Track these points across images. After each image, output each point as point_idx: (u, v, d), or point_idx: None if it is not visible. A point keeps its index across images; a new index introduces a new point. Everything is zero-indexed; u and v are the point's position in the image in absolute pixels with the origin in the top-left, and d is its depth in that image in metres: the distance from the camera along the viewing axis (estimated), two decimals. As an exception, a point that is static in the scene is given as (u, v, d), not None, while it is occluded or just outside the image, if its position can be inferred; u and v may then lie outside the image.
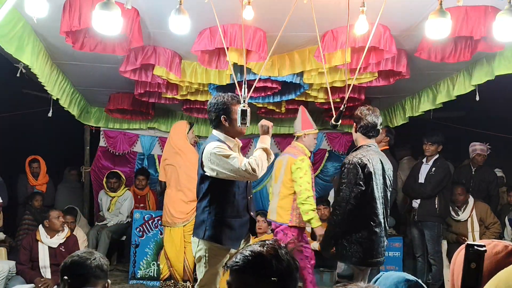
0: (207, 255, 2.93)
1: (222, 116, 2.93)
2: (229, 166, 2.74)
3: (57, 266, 4.32)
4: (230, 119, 2.93)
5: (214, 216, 2.92)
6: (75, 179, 6.49)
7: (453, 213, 5.03)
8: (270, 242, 1.56)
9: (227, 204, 2.93)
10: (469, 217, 4.98)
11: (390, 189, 3.19)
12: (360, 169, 2.99)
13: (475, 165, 5.45)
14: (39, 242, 4.37)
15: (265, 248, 1.51)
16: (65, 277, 2.14)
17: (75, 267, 2.16)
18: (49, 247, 4.38)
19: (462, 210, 5.00)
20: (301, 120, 4.18)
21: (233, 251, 2.96)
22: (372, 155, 3.07)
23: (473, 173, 5.45)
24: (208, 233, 2.91)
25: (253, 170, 2.71)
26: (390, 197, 3.20)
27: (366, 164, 2.99)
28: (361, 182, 2.98)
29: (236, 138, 3.03)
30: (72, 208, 5.64)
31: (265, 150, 2.86)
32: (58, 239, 4.41)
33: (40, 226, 4.46)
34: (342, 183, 3.04)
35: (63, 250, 4.40)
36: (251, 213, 3.07)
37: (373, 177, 3.00)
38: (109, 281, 2.24)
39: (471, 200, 5.03)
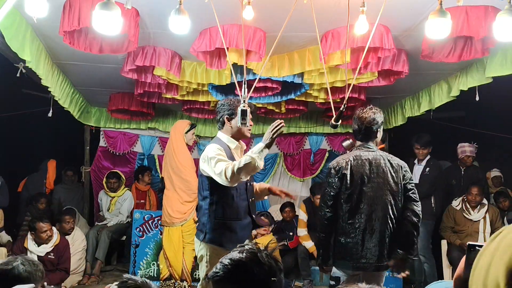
0: (208, 255, 2.95)
1: (226, 117, 2.99)
2: (214, 169, 2.77)
3: (48, 272, 4.28)
4: (233, 121, 2.98)
5: (214, 219, 2.94)
6: (71, 180, 6.48)
7: (465, 211, 5.02)
8: (249, 246, 1.50)
9: (226, 206, 2.94)
10: (482, 218, 4.98)
11: (388, 189, 2.96)
12: (334, 172, 2.97)
13: (464, 165, 5.50)
14: (27, 250, 4.35)
15: (244, 254, 1.45)
16: None
17: None
18: (38, 256, 4.33)
19: (477, 210, 4.99)
20: None
21: None
22: (357, 156, 2.97)
23: (462, 173, 5.50)
24: (209, 236, 2.94)
25: (227, 177, 2.69)
26: (386, 197, 2.96)
27: (341, 166, 2.95)
28: (334, 186, 2.96)
29: (240, 141, 3.07)
30: (70, 209, 5.64)
31: (251, 158, 2.65)
32: (45, 248, 4.38)
33: (29, 234, 4.43)
34: (323, 188, 3.07)
35: (52, 257, 4.39)
36: (253, 216, 3.07)
37: (348, 179, 2.93)
38: (45, 283, 2.13)
39: (485, 201, 5.04)
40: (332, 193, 2.97)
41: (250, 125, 2.89)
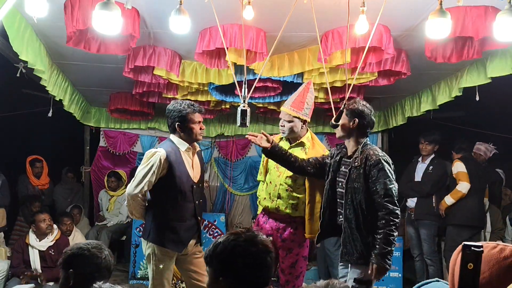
0: (154, 255, 2.97)
1: (177, 123, 3.00)
2: (135, 178, 2.89)
3: (48, 269, 4.35)
4: (184, 127, 2.99)
5: (157, 219, 2.97)
6: (71, 180, 6.48)
7: None
8: (240, 229, 1.65)
9: (169, 207, 2.96)
10: None
11: None
12: (393, 166, 2.69)
13: None
14: (29, 246, 4.37)
15: (227, 236, 1.61)
16: (71, 270, 1.94)
17: (82, 262, 1.94)
18: (39, 250, 4.37)
19: None
20: None
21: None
22: None
23: None
24: (152, 236, 2.97)
25: (128, 195, 2.93)
26: None
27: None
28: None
29: (193, 143, 3.10)
30: (72, 208, 5.63)
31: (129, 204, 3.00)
32: (47, 242, 4.39)
33: (30, 230, 4.45)
34: (382, 183, 2.61)
35: (53, 253, 4.39)
36: (199, 218, 3.10)
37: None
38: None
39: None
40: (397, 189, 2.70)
41: (202, 129, 3.04)
